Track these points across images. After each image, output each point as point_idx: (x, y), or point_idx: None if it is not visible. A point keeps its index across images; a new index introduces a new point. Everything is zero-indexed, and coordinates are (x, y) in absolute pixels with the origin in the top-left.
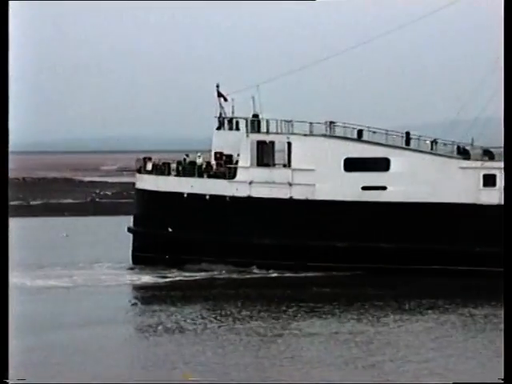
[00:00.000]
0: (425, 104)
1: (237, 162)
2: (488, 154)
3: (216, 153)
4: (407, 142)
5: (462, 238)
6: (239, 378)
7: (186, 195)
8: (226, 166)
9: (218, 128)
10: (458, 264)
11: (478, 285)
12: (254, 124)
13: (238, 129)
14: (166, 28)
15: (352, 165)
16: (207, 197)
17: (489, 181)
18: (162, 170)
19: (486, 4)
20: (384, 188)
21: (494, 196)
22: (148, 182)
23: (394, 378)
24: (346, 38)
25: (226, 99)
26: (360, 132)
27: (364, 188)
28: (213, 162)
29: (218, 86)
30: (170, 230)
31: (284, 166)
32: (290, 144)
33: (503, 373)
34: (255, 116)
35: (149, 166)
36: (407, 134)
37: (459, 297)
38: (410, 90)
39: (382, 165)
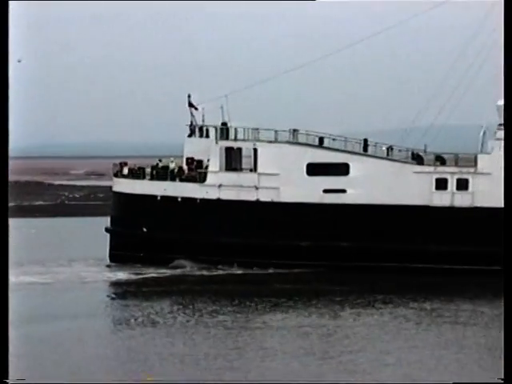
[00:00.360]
0: (382, 112)
1: (207, 166)
2: (440, 160)
3: (187, 158)
4: (365, 149)
5: (416, 237)
6: (208, 367)
7: (159, 198)
8: (196, 171)
9: (190, 135)
10: (412, 262)
11: (430, 281)
12: (223, 131)
13: (207, 136)
14: (142, 38)
15: (314, 169)
16: (179, 199)
17: (441, 184)
18: (137, 174)
19: (442, 18)
20: (344, 191)
21: (446, 198)
22: (124, 186)
23: (351, 368)
24: (311, 51)
25: (196, 109)
26: (321, 139)
27: (325, 191)
28: (184, 166)
29: (189, 97)
30: (144, 229)
31: (251, 170)
32: (256, 150)
33: (503, 373)
34: (224, 124)
35: (125, 171)
36: (365, 140)
37: (411, 292)
38: (369, 100)
39: (342, 169)
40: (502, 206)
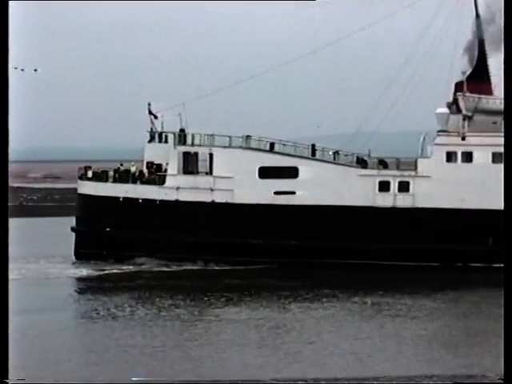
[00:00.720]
0: (330, 118)
1: (166, 170)
2: (383, 164)
3: (148, 162)
4: (313, 153)
5: (360, 235)
6: (166, 357)
7: (121, 199)
8: (156, 174)
9: (150, 141)
10: (356, 258)
11: (373, 277)
12: (181, 137)
13: (166, 142)
14: (104, 46)
15: (265, 173)
16: (140, 200)
17: (383, 187)
18: (100, 177)
19: (386, 32)
20: (293, 193)
21: (388, 200)
22: (89, 188)
23: (298, 357)
24: (267, 60)
25: (156, 117)
26: (272, 144)
27: (276, 193)
28: (145, 170)
29: (149, 105)
30: (107, 229)
31: (206, 173)
32: (211, 155)
33: (503, 373)
34: (182, 130)
35: (89, 174)
36: (313, 146)
37: (355, 287)
38: (319, 107)
39: (292, 173)
40: (441, 206)
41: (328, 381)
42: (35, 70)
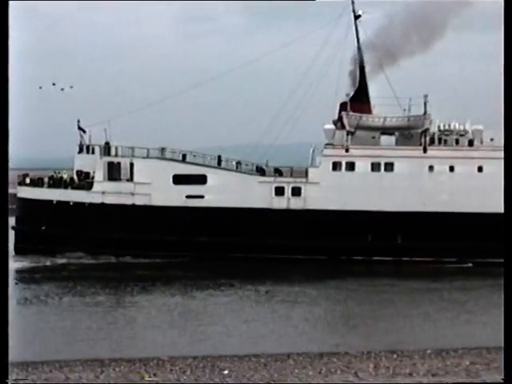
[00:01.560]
0: (235, 131)
1: (93, 177)
2: (278, 172)
3: (77, 171)
4: (219, 163)
5: (259, 233)
6: (91, 337)
7: (55, 202)
8: (85, 181)
9: (79, 152)
10: (256, 253)
11: (266, 268)
12: (106, 149)
13: (93, 153)
14: (41, 63)
15: (178, 179)
16: (71, 203)
17: (279, 191)
18: (37, 183)
19: (285, 58)
20: (202, 197)
21: (283, 202)
22: (27, 192)
23: (202, 337)
24: (182, 82)
25: (84, 132)
26: (184, 155)
27: (187, 196)
28: (75, 177)
29: (78, 121)
30: (43, 227)
31: (128, 180)
32: (132, 164)
33: (503, 373)
34: (107, 143)
35: (27, 180)
36: (219, 156)
37: (252, 278)
38: (227, 120)
39: (201, 180)
40: (328, 208)
41: (212, 357)
42: (71, 87)
